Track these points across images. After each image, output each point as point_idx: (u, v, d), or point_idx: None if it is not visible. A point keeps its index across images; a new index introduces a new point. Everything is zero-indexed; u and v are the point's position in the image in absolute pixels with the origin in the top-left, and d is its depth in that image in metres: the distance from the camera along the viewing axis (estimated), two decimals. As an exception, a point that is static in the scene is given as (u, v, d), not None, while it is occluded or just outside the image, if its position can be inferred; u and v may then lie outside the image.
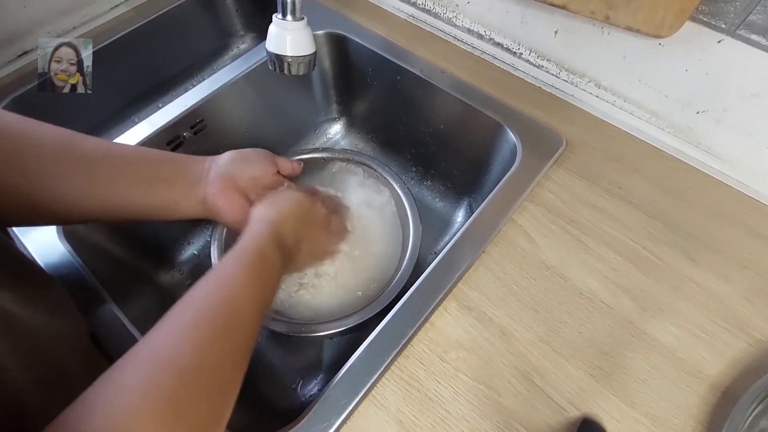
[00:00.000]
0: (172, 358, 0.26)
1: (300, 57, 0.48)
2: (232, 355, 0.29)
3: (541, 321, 0.40)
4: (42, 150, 0.34)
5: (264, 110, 0.65)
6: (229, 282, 0.32)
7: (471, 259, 0.43)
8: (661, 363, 0.38)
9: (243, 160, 0.43)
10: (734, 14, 0.40)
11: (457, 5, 0.59)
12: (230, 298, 0.31)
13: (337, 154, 0.61)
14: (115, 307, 0.41)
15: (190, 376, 0.26)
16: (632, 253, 0.44)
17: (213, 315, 0.29)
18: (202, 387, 0.26)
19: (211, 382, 0.27)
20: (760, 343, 0.39)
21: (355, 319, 0.46)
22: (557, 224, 0.46)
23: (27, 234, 0.45)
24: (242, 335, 0.31)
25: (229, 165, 0.42)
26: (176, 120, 0.54)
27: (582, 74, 0.54)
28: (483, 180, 0.61)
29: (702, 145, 0.50)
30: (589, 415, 0.36)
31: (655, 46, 0.46)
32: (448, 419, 0.36)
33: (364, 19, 0.64)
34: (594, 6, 0.44)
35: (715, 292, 0.42)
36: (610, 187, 0.48)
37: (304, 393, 0.53)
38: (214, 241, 0.52)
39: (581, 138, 0.52)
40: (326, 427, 0.35)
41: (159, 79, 0.75)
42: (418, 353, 0.39)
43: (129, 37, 0.65)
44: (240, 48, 0.84)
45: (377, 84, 0.65)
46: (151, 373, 0.25)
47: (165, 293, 0.59)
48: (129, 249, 0.56)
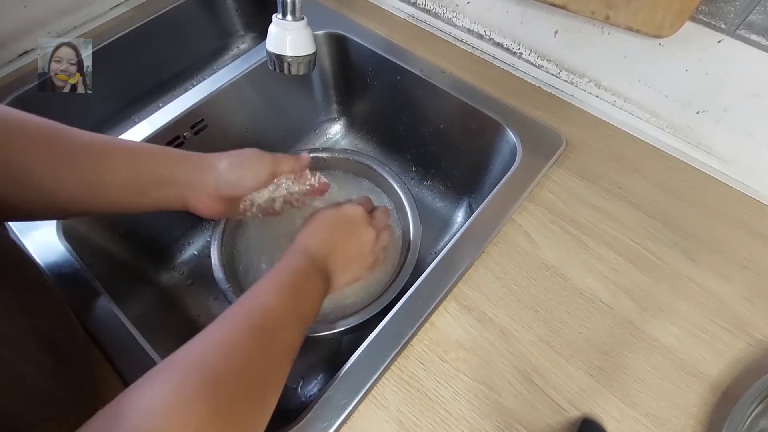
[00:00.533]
0: (208, 363, 0.26)
1: (300, 57, 0.48)
2: (269, 363, 0.30)
3: (541, 321, 0.40)
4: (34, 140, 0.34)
5: (264, 110, 0.65)
6: (267, 296, 0.34)
7: (471, 259, 0.43)
8: (661, 363, 0.38)
9: (238, 172, 0.41)
10: (734, 14, 0.40)
11: (457, 5, 0.59)
12: (268, 310, 0.32)
13: (337, 154, 0.61)
14: (115, 307, 0.41)
15: (226, 382, 0.26)
16: (632, 253, 0.44)
17: (251, 326, 0.30)
18: (237, 394, 0.26)
19: (246, 388, 0.27)
20: (760, 343, 0.39)
21: (355, 319, 0.47)
22: (557, 224, 0.46)
23: (27, 234, 0.45)
24: (280, 346, 0.32)
25: (224, 176, 0.41)
26: (176, 120, 0.54)
27: (582, 74, 0.54)
28: (483, 180, 0.61)
29: (702, 145, 0.50)
30: (589, 415, 0.36)
31: (655, 46, 0.46)
32: (448, 419, 0.36)
33: (364, 19, 0.64)
34: (594, 6, 0.44)
35: (715, 292, 0.42)
36: (610, 187, 0.48)
37: (304, 393, 0.53)
38: (214, 241, 0.52)
39: (581, 138, 0.52)
40: (326, 427, 0.35)
41: (159, 79, 0.75)
42: (418, 353, 0.39)
43: (129, 37, 0.65)
44: (240, 48, 0.84)
45: (377, 84, 0.65)
46: (185, 378, 0.25)
47: (165, 293, 0.59)
48: (129, 249, 0.56)
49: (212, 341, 0.29)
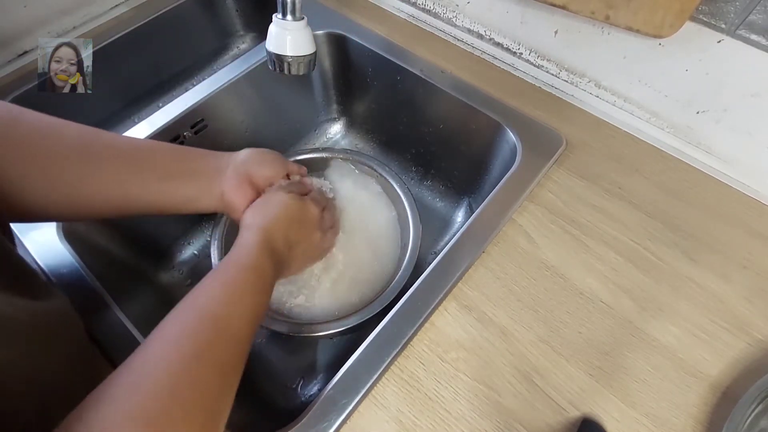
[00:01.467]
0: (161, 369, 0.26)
1: (300, 57, 0.48)
2: (220, 367, 0.29)
3: (541, 321, 0.40)
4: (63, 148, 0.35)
5: (264, 110, 0.65)
6: (217, 296, 0.33)
7: (471, 259, 0.43)
8: (661, 363, 0.38)
9: (259, 160, 0.44)
10: (734, 14, 0.40)
11: (457, 5, 0.59)
12: (218, 310, 0.31)
13: (337, 154, 0.61)
14: (115, 307, 0.41)
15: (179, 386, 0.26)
16: (632, 253, 0.44)
17: (200, 328, 0.30)
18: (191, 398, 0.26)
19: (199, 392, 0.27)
20: (760, 343, 0.39)
21: (355, 319, 0.47)
22: (557, 224, 0.46)
23: (27, 234, 0.45)
24: (231, 347, 0.31)
25: (247, 163, 0.43)
26: (176, 119, 0.54)
27: (582, 74, 0.54)
28: (483, 180, 0.61)
29: (702, 145, 0.50)
30: (589, 415, 0.36)
31: (655, 46, 0.46)
32: (448, 419, 0.36)
33: (364, 19, 0.64)
34: (594, 6, 0.44)
35: (715, 292, 0.42)
36: (610, 187, 0.48)
37: (304, 393, 0.53)
38: (214, 241, 0.53)
39: (581, 138, 0.52)
40: (326, 427, 0.35)
41: (159, 79, 0.75)
42: (418, 353, 0.39)
43: (129, 37, 0.65)
44: (240, 48, 0.84)
45: (377, 84, 0.65)
46: (139, 384, 0.25)
47: (165, 293, 0.59)
48: (129, 249, 0.56)
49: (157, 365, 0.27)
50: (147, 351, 0.28)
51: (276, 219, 0.40)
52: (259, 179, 0.44)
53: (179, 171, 0.41)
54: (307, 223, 0.44)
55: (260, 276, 0.36)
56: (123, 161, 0.38)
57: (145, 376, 0.26)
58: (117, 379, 0.26)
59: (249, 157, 0.44)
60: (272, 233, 0.39)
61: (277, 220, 0.40)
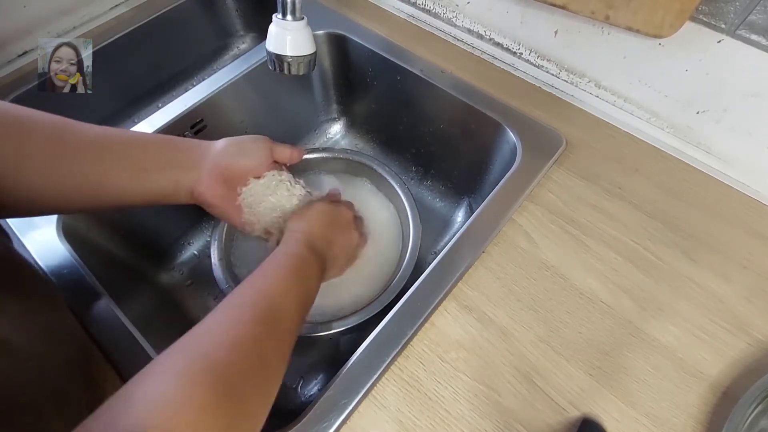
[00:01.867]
0: (213, 350, 0.27)
1: (300, 57, 0.48)
2: (273, 351, 0.30)
3: (541, 321, 0.40)
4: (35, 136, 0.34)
5: (264, 110, 0.65)
6: (271, 282, 0.34)
7: (471, 259, 0.43)
8: (661, 363, 0.38)
9: (237, 151, 0.42)
10: (734, 14, 0.40)
11: (457, 5, 0.59)
12: (273, 297, 0.33)
13: (337, 154, 0.61)
14: (115, 307, 0.41)
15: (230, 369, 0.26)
16: (632, 253, 0.44)
17: (256, 312, 0.31)
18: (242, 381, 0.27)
19: (250, 375, 0.27)
20: (760, 343, 0.39)
21: (355, 319, 0.47)
22: (557, 224, 0.46)
23: (27, 234, 0.45)
24: (283, 333, 0.32)
25: (222, 154, 0.42)
26: (176, 120, 0.54)
27: (582, 74, 0.54)
28: (483, 180, 0.61)
29: (702, 145, 0.50)
30: (589, 415, 0.36)
31: (655, 46, 0.46)
32: (448, 419, 0.36)
33: (364, 19, 0.64)
34: (594, 6, 0.44)
35: (715, 292, 0.42)
36: (610, 187, 0.48)
37: (304, 393, 0.53)
38: (214, 241, 0.53)
39: (581, 138, 0.52)
40: (326, 427, 0.35)
41: (159, 79, 0.75)
42: (418, 353, 0.39)
43: (129, 37, 0.65)
44: (240, 48, 0.84)
45: (377, 84, 0.65)
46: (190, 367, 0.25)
47: (165, 293, 0.59)
48: (129, 249, 0.56)
49: (217, 329, 0.29)
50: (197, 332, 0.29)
51: (315, 222, 0.43)
52: (236, 171, 0.42)
53: (154, 163, 0.39)
54: (343, 223, 0.46)
55: (308, 268, 0.38)
56: (93, 152, 0.36)
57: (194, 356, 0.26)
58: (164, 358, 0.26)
59: (225, 148, 0.42)
60: (313, 234, 0.41)
61: (317, 223, 0.43)
